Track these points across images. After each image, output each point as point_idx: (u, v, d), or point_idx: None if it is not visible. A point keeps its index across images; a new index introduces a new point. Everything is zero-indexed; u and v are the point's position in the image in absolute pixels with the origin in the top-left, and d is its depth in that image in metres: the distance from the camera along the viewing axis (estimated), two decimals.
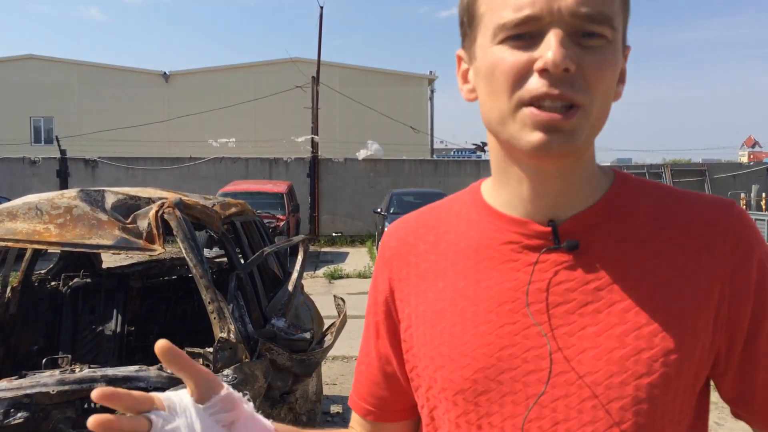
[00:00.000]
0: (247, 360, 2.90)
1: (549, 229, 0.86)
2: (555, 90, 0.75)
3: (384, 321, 0.99)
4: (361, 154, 20.43)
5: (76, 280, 4.52)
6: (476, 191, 0.97)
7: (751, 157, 31.35)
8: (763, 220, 12.74)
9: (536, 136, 0.77)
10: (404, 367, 0.97)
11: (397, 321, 0.98)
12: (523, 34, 0.77)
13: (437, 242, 0.96)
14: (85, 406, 2.61)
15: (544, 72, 0.75)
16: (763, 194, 16.48)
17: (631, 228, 0.86)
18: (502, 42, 0.78)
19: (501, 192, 0.91)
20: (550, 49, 0.74)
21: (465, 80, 0.89)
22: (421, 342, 0.92)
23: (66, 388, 2.55)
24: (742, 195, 16.77)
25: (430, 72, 31.57)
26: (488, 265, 0.89)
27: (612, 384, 0.80)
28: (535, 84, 0.76)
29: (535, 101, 0.76)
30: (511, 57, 0.77)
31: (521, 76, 0.77)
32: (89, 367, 2.79)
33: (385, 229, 14.66)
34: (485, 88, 0.82)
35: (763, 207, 15.50)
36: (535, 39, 0.77)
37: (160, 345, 0.74)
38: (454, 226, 0.95)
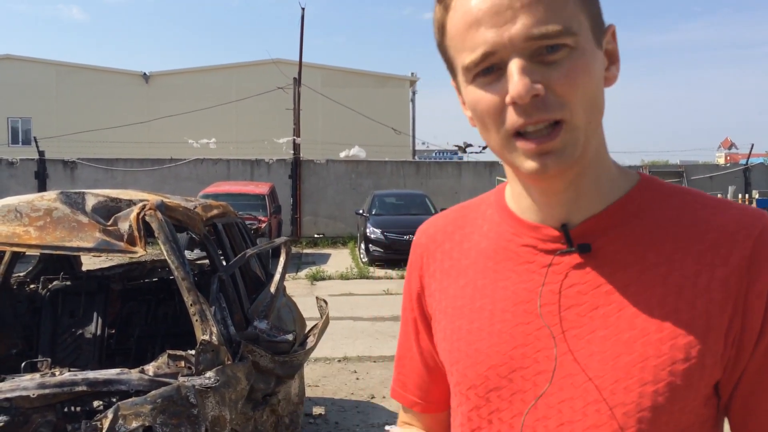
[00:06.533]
0: (229, 362, 2.90)
1: (561, 233, 0.88)
2: (531, 119, 0.78)
3: (420, 317, 1.05)
4: (343, 154, 20.41)
5: (55, 282, 4.48)
6: (500, 193, 0.99)
7: (728, 158, 31.70)
8: None
9: (531, 164, 0.80)
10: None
11: (429, 316, 1.03)
12: (489, 67, 0.80)
13: (462, 241, 0.99)
14: (66, 409, 2.59)
15: (515, 105, 0.78)
16: (740, 195, 16.74)
17: (645, 232, 0.85)
18: (473, 81, 0.82)
19: (516, 197, 0.94)
20: (513, 82, 0.77)
21: (465, 107, 0.91)
22: (441, 336, 0.97)
23: (47, 391, 2.53)
24: (719, 196, 17.06)
25: (412, 73, 31.62)
26: (506, 266, 0.92)
27: (616, 389, 0.81)
28: (513, 118, 0.79)
29: (520, 131, 0.80)
30: (485, 96, 0.81)
31: (500, 112, 0.80)
32: (69, 371, 2.76)
33: (368, 230, 14.70)
34: (477, 123, 0.86)
35: None
36: (501, 69, 0.79)
37: None
38: (479, 227, 0.99)
